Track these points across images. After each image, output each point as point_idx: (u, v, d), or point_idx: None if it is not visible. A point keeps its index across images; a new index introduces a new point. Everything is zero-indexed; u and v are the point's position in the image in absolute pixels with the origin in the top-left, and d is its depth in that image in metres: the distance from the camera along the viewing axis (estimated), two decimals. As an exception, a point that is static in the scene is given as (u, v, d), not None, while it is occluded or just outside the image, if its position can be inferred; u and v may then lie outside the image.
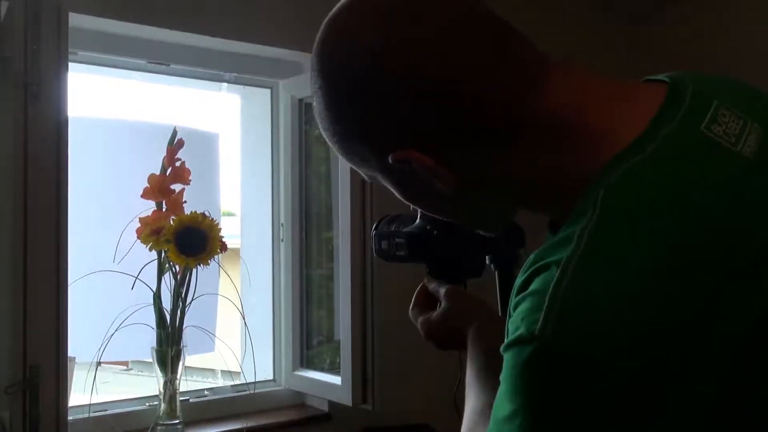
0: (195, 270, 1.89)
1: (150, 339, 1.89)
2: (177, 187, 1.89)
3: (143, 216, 1.85)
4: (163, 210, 1.88)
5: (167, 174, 1.89)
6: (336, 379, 2.11)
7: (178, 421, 1.88)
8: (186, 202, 1.89)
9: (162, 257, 1.87)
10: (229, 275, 2.09)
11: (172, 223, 1.85)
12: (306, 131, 2.33)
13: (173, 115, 2.96)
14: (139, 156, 2.14)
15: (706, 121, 0.67)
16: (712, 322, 0.61)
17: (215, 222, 1.89)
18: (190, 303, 1.90)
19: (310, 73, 0.76)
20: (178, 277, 1.89)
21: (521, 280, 0.67)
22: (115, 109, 2.58)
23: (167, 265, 1.88)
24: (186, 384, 2.07)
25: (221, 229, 1.90)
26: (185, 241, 1.83)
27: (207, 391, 2.21)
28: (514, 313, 0.65)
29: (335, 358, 2.21)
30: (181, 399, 1.92)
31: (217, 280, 2.09)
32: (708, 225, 0.63)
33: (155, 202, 1.88)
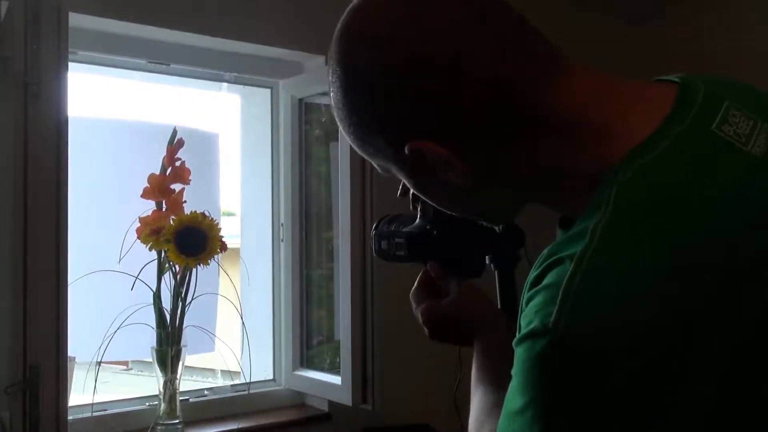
0: (195, 270, 1.89)
1: (150, 339, 1.89)
2: (177, 186, 1.89)
3: (143, 216, 1.85)
4: (163, 210, 1.88)
5: (167, 174, 1.89)
6: (336, 379, 2.10)
7: (178, 420, 1.88)
8: (186, 201, 1.89)
9: (162, 257, 1.87)
10: (229, 275, 2.09)
11: (172, 222, 1.85)
12: (306, 131, 2.33)
13: (173, 115, 2.97)
14: (139, 156, 2.13)
15: (717, 121, 0.68)
16: (714, 321, 0.61)
17: (215, 222, 1.89)
18: (190, 303, 1.90)
19: (325, 70, 0.77)
20: (178, 276, 1.89)
21: (534, 274, 0.67)
22: (115, 109, 2.58)
23: (167, 265, 1.88)
24: (186, 384, 2.06)
25: (221, 229, 1.90)
26: (185, 241, 1.83)
27: (207, 391, 2.21)
28: (526, 307, 0.65)
29: (335, 358, 2.21)
30: (181, 399, 1.92)
31: (217, 280, 2.09)
32: (714, 225, 0.63)
33: (155, 201, 1.88)
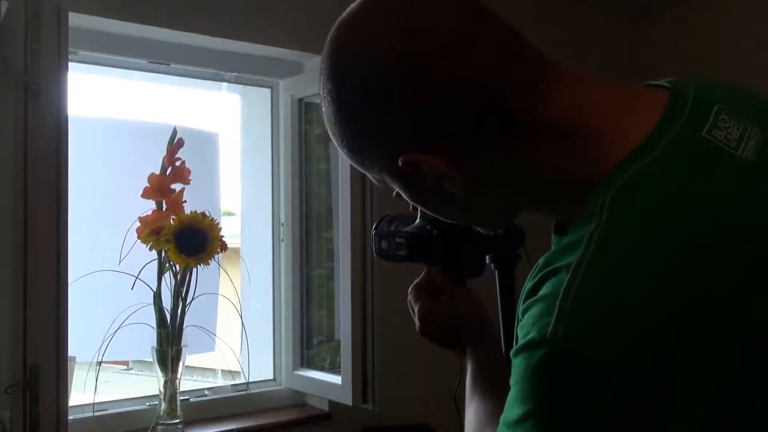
0: (195, 270, 1.89)
1: (150, 339, 1.89)
2: (177, 186, 1.89)
3: (143, 216, 1.85)
4: (163, 210, 1.88)
5: (167, 174, 1.89)
6: (336, 378, 2.10)
7: (178, 420, 1.88)
8: (186, 201, 1.89)
9: (162, 257, 1.87)
10: (229, 275, 2.09)
11: (172, 222, 1.85)
12: (306, 131, 2.33)
13: (173, 115, 2.97)
14: (139, 156, 2.13)
15: (707, 126, 0.68)
16: (713, 326, 0.61)
17: (215, 222, 1.89)
18: (190, 302, 1.90)
19: (318, 76, 0.76)
20: (178, 276, 1.89)
21: (531, 284, 0.67)
22: (115, 109, 2.57)
23: (167, 265, 1.88)
24: (186, 384, 2.06)
25: (221, 228, 1.90)
26: (185, 240, 1.83)
27: (207, 391, 2.21)
28: (523, 318, 0.66)
29: (335, 358, 2.21)
30: (181, 399, 1.92)
31: (217, 279, 2.09)
32: (708, 231, 0.64)
33: (155, 201, 1.88)
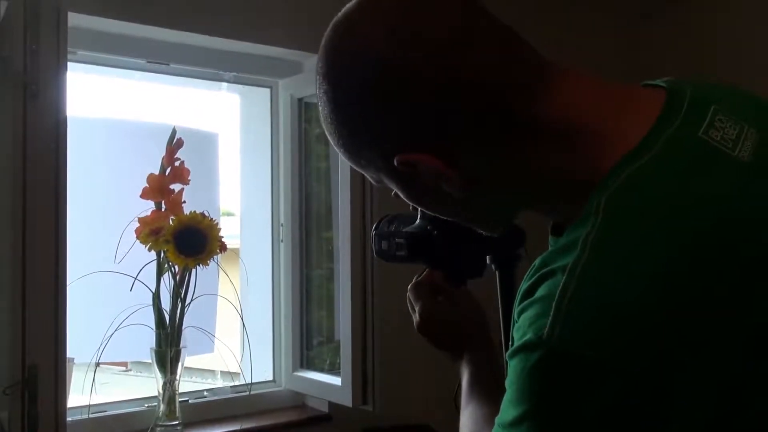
0: (194, 270, 1.89)
1: (149, 340, 1.89)
2: (176, 187, 1.89)
3: (142, 216, 1.84)
4: (163, 210, 1.87)
5: (166, 174, 1.89)
6: (336, 379, 2.10)
7: (177, 422, 1.88)
8: (185, 202, 1.89)
9: (161, 257, 1.87)
10: (229, 275, 2.09)
11: (171, 223, 1.84)
12: (306, 131, 2.32)
13: (173, 115, 2.96)
14: (138, 156, 2.13)
15: (704, 126, 0.68)
16: (711, 326, 0.61)
17: (215, 222, 1.89)
18: (190, 303, 1.90)
19: (315, 76, 0.76)
20: (178, 277, 1.89)
21: (526, 286, 0.67)
22: (114, 109, 2.57)
23: (166, 266, 1.88)
24: (185, 385, 2.06)
25: (221, 229, 1.89)
26: (184, 241, 1.83)
27: (206, 392, 2.21)
28: (519, 320, 0.66)
29: (335, 359, 2.20)
30: (180, 400, 1.92)
31: (217, 280, 2.09)
32: (705, 231, 0.63)
33: (154, 202, 1.88)
